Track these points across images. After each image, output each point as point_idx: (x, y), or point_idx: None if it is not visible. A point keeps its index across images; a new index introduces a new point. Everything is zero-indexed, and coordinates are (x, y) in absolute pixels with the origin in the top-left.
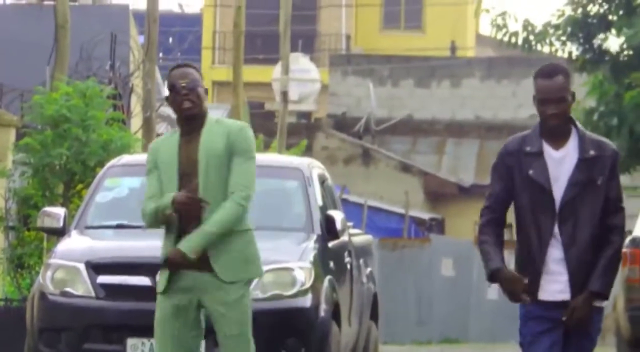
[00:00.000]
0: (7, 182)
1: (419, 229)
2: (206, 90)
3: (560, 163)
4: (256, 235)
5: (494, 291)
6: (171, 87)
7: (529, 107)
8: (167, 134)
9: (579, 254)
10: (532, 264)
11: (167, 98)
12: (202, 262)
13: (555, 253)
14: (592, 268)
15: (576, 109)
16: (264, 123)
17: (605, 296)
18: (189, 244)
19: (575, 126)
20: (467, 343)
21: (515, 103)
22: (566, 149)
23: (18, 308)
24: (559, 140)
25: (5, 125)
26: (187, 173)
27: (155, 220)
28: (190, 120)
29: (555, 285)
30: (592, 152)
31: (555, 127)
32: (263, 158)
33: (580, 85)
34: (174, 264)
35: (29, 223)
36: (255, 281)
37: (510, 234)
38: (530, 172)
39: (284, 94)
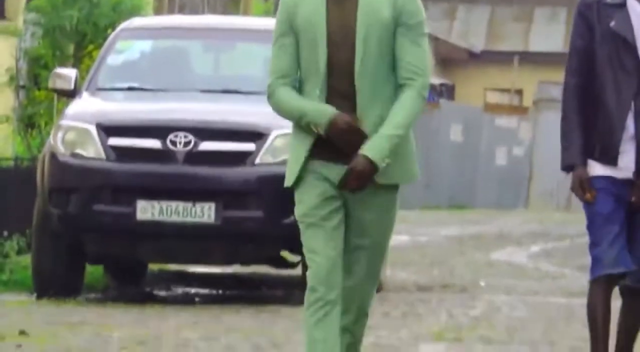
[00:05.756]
0: (18, 42)
1: (429, 95)
2: None
3: None
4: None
5: (502, 156)
6: None
7: None
8: None
9: None
10: (607, 131)
11: None
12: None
13: (629, 123)
14: None
15: None
16: None
17: None
18: (379, 152)
19: None
20: (475, 209)
21: None
22: None
23: (28, 168)
24: None
25: None
26: (336, 43)
27: (295, 122)
28: None
29: (625, 160)
30: None
31: None
32: None
33: None
34: (363, 175)
35: (39, 83)
36: (267, 144)
37: None
38: (612, 23)
39: None
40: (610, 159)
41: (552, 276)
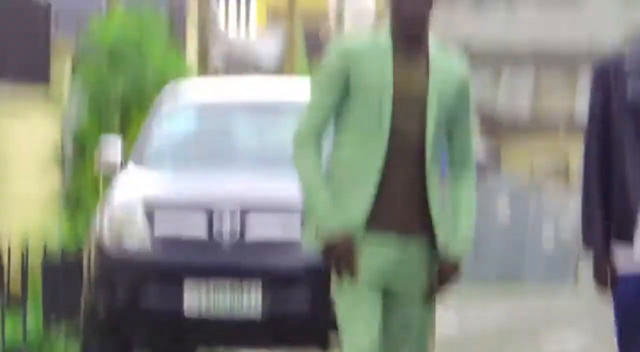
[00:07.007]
0: (62, 114)
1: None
2: None
3: None
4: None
5: (549, 229)
6: None
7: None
8: (365, 38)
9: None
10: (623, 205)
11: None
12: (417, 224)
13: None
14: None
15: None
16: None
17: None
18: (463, 248)
19: None
20: (523, 282)
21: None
22: None
23: (75, 260)
24: None
25: (61, 52)
26: (401, 105)
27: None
28: (414, 29)
29: None
30: None
31: None
32: None
33: None
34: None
35: (84, 155)
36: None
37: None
38: (629, 95)
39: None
40: (627, 235)
41: None
